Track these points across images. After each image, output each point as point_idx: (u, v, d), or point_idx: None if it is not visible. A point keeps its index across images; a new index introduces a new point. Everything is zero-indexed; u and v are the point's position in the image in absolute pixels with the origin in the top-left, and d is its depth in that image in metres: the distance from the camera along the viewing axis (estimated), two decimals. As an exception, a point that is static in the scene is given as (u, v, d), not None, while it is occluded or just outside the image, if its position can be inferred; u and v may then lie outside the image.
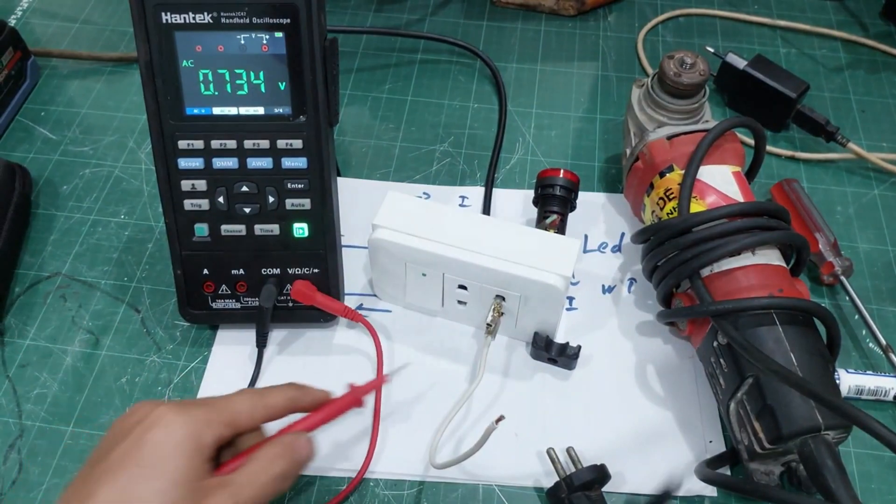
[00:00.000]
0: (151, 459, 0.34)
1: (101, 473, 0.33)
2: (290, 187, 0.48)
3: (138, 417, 0.35)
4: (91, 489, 0.33)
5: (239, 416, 0.37)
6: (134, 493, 0.33)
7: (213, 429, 0.36)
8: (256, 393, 0.39)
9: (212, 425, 0.36)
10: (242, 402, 0.38)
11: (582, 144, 0.64)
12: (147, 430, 0.35)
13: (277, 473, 0.37)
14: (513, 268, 0.46)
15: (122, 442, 0.34)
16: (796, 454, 0.41)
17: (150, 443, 0.34)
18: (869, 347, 0.53)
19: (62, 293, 0.55)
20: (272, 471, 0.37)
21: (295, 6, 0.44)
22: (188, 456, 0.34)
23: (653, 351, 0.52)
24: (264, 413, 0.39)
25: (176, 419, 0.35)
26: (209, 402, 0.37)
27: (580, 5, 0.74)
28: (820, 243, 0.54)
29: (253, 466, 0.36)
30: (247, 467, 0.36)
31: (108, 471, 0.33)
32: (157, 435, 0.34)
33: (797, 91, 0.62)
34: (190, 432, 0.35)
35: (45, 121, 0.65)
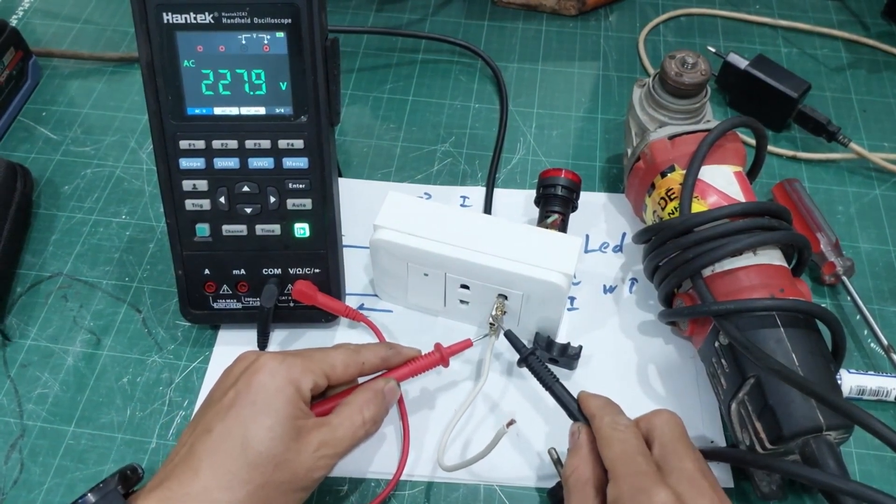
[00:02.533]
0: (259, 398, 0.38)
1: (217, 412, 0.38)
2: (291, 187, 0.48)
3: (245, 365, 0.40)
4: (209, 424, 0.38)
5: (334, 368, 0.42)
6: (247, 425, 0.37)
7: (311, 377, 0.40)
8: (352, 349, 0.43)
9: (309, 374, 0.40)
10: (338, 356, 0.42)
11: (583, 144, 0.64)
12: (253, 374, 0.39)
13: (368, 417, 0.41)
14: (515, 266, 0.46)
15: (232, 386, 0.39)
16: (798, 454, 0.41)
17: (257, 384, 0.39)
18: (870, 348, 0.53)
19: (63, 293, 0.55)
20: (364, 414, 0.41)
21: (296, 6, 0.44)
22: (289, 398, 0.39)
23: (654, 351, 0.52)
24: (357, 369, 0.43)
25: (278, 367, 0.39)
26: (308, 354, 0.42)
27: (581, 5, 0.74)
28: (821, 243, 0.54)
29: (347, 410, 0.41)
30: (341, 410, 0.41)
31: (222, 409, 0.38)
32: (263, 378, 0.39)
33: (798, 91, 0.62)
34: (291, 378, 0.39)
35: (46, 121, 0.65)
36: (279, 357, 0.40)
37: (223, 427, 0.38)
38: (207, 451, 0.37)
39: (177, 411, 0.49)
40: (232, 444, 0.37)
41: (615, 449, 0.39)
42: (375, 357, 0.44)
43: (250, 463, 0.37)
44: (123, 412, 0.49)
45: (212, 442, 0.37)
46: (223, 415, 0.38)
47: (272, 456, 0.37)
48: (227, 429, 0.37)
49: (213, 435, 0.37)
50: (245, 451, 0.37)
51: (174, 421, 0.49)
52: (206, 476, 0.36)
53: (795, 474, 0.39)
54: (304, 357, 0.41)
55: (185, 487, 0.36)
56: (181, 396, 0.50)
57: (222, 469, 0.36)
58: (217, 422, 0.38)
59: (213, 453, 0.37)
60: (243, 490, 0.36)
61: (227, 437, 0.37)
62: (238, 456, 0.37)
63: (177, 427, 0.49)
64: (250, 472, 0.37)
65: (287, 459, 0.38)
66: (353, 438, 0.40)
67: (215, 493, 0.36)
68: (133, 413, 0.49)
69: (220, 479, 0.36)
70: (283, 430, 0.38)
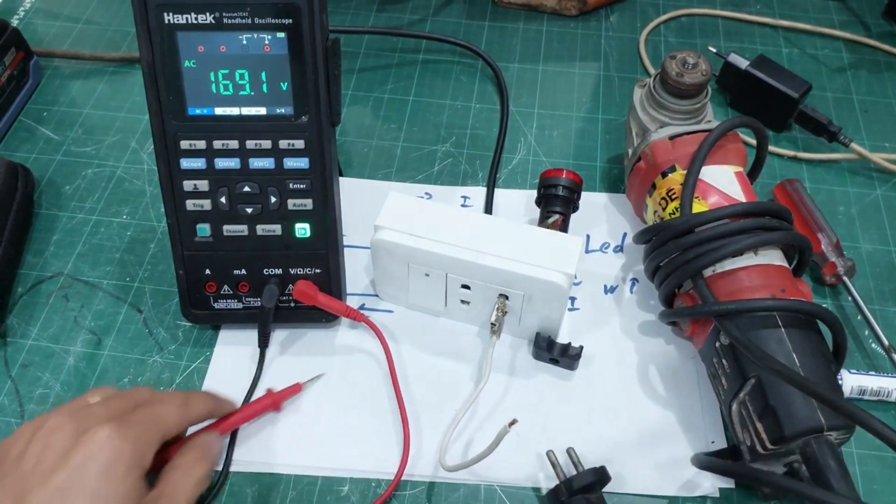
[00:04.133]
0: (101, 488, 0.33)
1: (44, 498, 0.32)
2: (292, 187, 0.48)
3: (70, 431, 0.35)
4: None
5: (169, 429, 0.39)
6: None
7: (151, 448, 0.37)
8: (181, 401, 0.41)
9: (149, 446, 0.37)
10: (171, 414, 0.40)
11: (584, 144, 0.64)
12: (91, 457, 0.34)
13: (199, 476, 0.39)
14: (516, 266, 0.46)
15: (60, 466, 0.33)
16: (799, 455, 0.41)
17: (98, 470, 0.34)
18: (871, 348, 0.53)
19: (64, 293, 0.55)
20: (194, 475, 0.39)
21: (297, 6, 0.44)
22: (135, 479, 0.35)
23: (655, 351, 0.52)
24: (188, 421, 0.42)
25: (122, 445, 0.35)
26: (142, 417, 0.38)
27: (582, 5, 0.74)
28: (822, 243, 0.54)
29: (177, 475, 0.39)
30: (171, 476, 0.38)
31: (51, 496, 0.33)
32: (103, 461, 0.34)
33: (799, 91, 0.62)
34: (136, 455, 0.36)
35: (47, 121, 0.65)
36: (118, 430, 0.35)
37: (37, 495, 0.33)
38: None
39: (178, 411, 0.49)
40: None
41: None
42: (204, 409, 0.42)
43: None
44: (124, 412, 0.49)
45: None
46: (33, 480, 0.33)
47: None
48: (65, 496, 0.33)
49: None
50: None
51: (175, 421, 0.49)
52: None
53: (783, 487, 0.39)
54: (140, 423, 0.37)
55: None
56: (182, 396, 0.50)
57: None
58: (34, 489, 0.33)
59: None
60: None
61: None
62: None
63: (178, 427, 0.49)
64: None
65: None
66: (190, 501, 0.38)
67: None
68: (134, 413, 0.49)
69: None
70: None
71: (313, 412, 0.49)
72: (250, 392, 0.49)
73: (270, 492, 0.46)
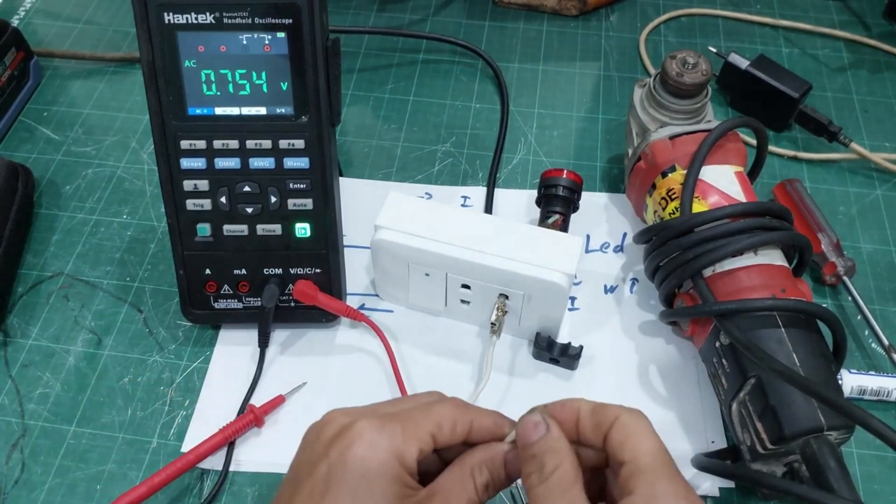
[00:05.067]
0: (358, 481, 0.32)
1: (308, 496, 0.32)
2: (292, 187, 0.48)
3: (335, 430, 0.34)
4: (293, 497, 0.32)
5: (441, 429, 0.34)
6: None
7: (415, 444, 0.33)
8: (461, 405, 0.36)
9: (413, 441, 0.33)
10: (445, 411, 0.35)
11: (584, 144, 0.64)
12: (348, 446, 0.32)
13: (481, 484, 0.34)
14: (516, 266, 0.46)
15: (323, 459, 0.33)
16: (799, 455, 0.41)
17: (354, 461, 0.32)
18: (871, 348, 0.53)
19: (65, 293, 0.55)
20: (476, 479, 0.34)
21: (297, 6, 0.44)
22: (394, 476, 0.32)
23: (655, 351, 0.52)
24: (466, 428, 0.35)
25: (378, 437, 0.33)
26: (409, 415, 0.34)
27: (582, 5, 0.74)
28: (822, 243, 0.54)
29: (456, 472, 0.34)
30: (450, 473, 0.34)
31: (314, 494, 0.32)
32: (361, 453, 0.32)
33: (799, 91, 0.62)
34: (394, 449, 0.33)
35: (47, 121, 0.65)
36: (377, 423, 0.33)
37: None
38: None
39: (178, 411, 0.49)
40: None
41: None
42: (488, 419, 0.36)
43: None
44: (124, 412, 0.49)
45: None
46: (311, 488, 0.32)
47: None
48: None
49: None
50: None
51: (175, 421, 0.49)
52: None
53: (781, 489, 0.39)
54: (406, 419, 0.34)
55: None
56: (182, 396, 0.50)
57: None
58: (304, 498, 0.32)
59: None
60: None
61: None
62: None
63: (177, 427, 0.49)
64: None
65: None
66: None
67: None
68: (134, 413, 0.49)
69: None
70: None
71: (314, 411, 0.49)
72: (250, 392, 0.49)
73: (271, 492, 0.46)
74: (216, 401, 0.50)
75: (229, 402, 0.49)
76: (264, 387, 0.50)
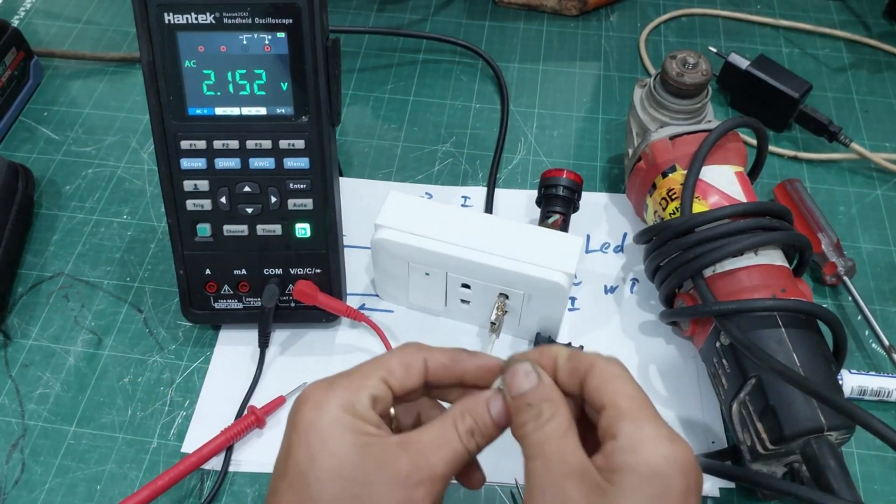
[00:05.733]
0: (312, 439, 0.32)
1: (277, 470, 0.33)
2: (292, 187, 0.48)
3: (296, 405, 0.34)
4: (274, 486, 0.33)
5: (393, 373, 0.34)
6: (308, 474, 0.31)
7: (365, 391, 0.33)
8: (415, 346, 0.36)
9: (362, 389, 0.33)
10: (394, 357, 0.35)
11: (584, 144, 0.64)
12: (297, 412, 0.33)
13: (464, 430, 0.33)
14: (516, 266, 0.46)
15: (285, 435, 0.34)
16: (799, 455, 0.41)
17: (305, 424, 0.32)
18: (872, 348, 0.53)
19: (65, 293, 0.55)
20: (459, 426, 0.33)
21: (297, 6, 0.44)
22: (347, 426, 0.32)
23: (655, 351, 0.52)
24: (420, 366, 0.35)
25: (323, 395, 0.33)
26: (358, 368, 0.34)
27: (582, 5, 0.74)
28: (823, 244, 0.54)
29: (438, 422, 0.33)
30: (432, 423, 0.34)
31: (279, 464, 0.33)
32: (309, 414, 0.33)
33: (800, 91, 0.62)
34: (342, 402, 0.32)
35: (47, 121, 0.65)
36: (324, 384, 0.33)
37: (286, 485, 0.32)
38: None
39: (178, 411, 0.49)
40: (297, 498, 0.31)
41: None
42: (443, 355, 0.35)
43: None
44: (124, 412, 0.49)
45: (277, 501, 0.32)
46: (282, 470, 0.33)
47: (351, 498, 0.31)
48: (290, 486, 0.32)
49: (280, 493, 0.32)
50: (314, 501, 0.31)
51: (175, 421, 0.49)
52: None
53: (781, 490, 0.39)
54: (353, 373, 0.34)
55: None
56: (182, 396, 0.50)
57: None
58: (279, 481, 0.33)
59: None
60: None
61: (292, 493, 0.32)
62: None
63: (178, 427, 0.49)
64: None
65: (371, 498, 0.31)
66: (448, 455, 0.32)
67: None
68: (134, 413, 0.49)
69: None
70: (354, 467, 0.31)
71: (313, 412, 0.49)
72: (250, 392, 0.49)
73: (271, 492, 0.46)
74: (216, 401, 0.50)
75: (229, 403, 0.49)
76: (264, 387, 0.50)
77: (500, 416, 0.34)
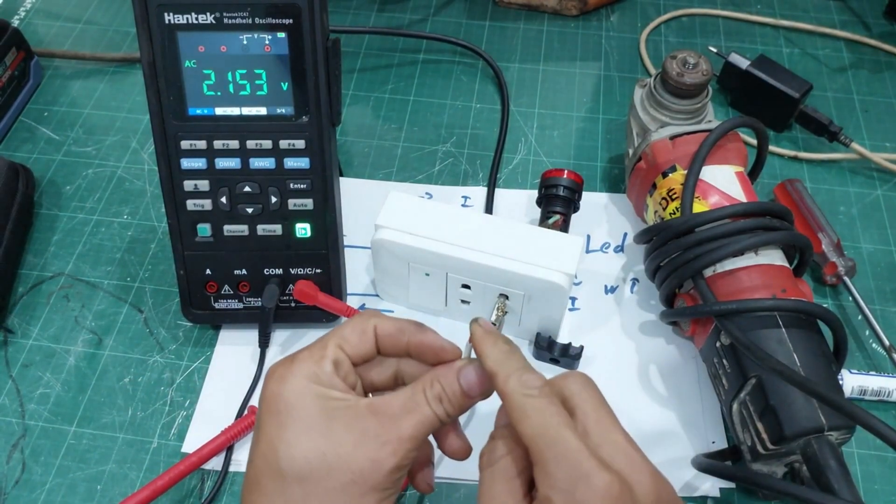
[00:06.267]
0: (280, 408, 0.34)
1: (251, 444, 0.35)
2: (292, 187, 0.48)
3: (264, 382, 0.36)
4: (250, 457, 0.35)
5: (346, 339, 0.36)
6: (277, 442, 0.33)
7: (325, 360, 0.35)
8: (367, 314, 0.38)
9: (321, 360, 0.35)
10: (346, 325, 0.37)
11: (584, 144, 0.64)
12: (265, 389, 0.35)
13: (432, 395, 0.35)
14: (516, 266, 0.46)
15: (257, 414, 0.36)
16: (799, 455, 0.41)
17: (271, 397, 0.34)
18: (872, 348, 0.53)
19: (65, 293, 0.55)
20: (427, 392, 0.35)
21: (297, 6, 0.44)
22: (313, 393, 0.34)
23: (655, 351, 0.52)
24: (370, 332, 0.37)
25: (285, 369, 0.35)
26: (316, 342, 0.37)
27: (583, 5, 0.74)
28: (823, 243, 0.54)
29: (408, 387, 0.35)
30: (403, 389, 0.35)
31: (253, 437, 0.35)
32: (274, 387, 0.34)
33: (800, 91, 0.62)
34: (303, 372, 0.35)
35: (48, 121, 0.65)
36: (286, 360, 0.36)
37: (258, 455, 0.34)
38: (250, 486, 0.34)
39: (178, 411, 0.49)
40: (270, 467, 0.33)
41: (533, 422, 0.32)
42: (391, 325, 0.37)
43: (298, 479, 0.32)
44: (125, 412, 0.49)
45: (253, 474, 0.34)
46: (254, 443, 0.34)
47: (320, 461, 0.32)
48: (262, 455, 0.34)
49: (254, 465, 0.34)
50: (287, 470, 0.33)
51: (175, 421, 0.49)
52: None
53: (780, 491, 0.39)
54: (311, 346, 0.36)
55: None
56: (182, 396, 0.50)
57: (271, 498, 0.33)
58: (253, 453, 0.34)
59: (255, 485, 0.33)
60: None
61: (264, 462, 0.33)
62: (281, 478, 0.33)
63: (178, 427, 0.49)
64: (302, 489, 0.32)
65: (341, 458, 0.33)
66: (415, 418, 0.34)
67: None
68: (134, 413, 0.49)
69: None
70: (321, 430, 0.33)
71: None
72: (250, 392, 0.49)
73: (271, 492, 0.46)
74: (217, 401, 0.50)
75: (230, 403, 0.49)
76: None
77: (471, 387, 0.36)
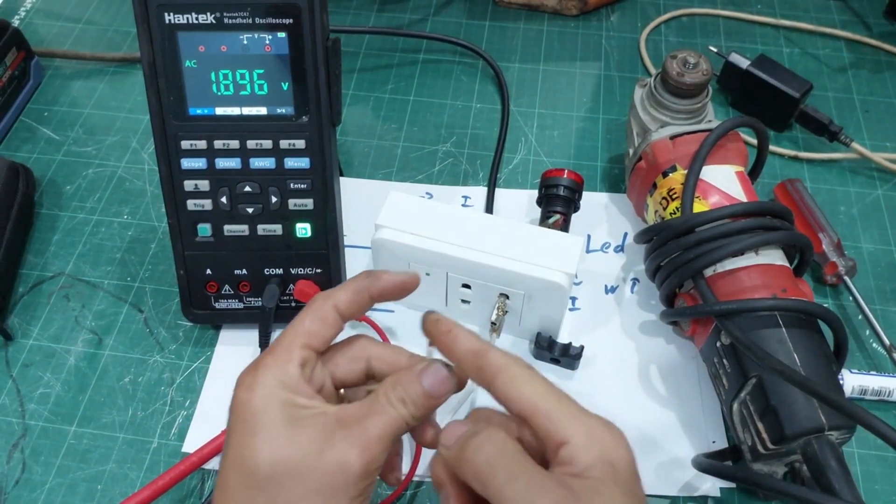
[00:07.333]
0: (247, 415, 0.33)
1: (222, 453, 0.35)
2: (292, 187, 0.48)
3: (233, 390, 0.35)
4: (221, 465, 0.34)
5: (310, 333, 0.36)
6: (244, 448, 0.33)
7: (293, 363, 0.35)
8: (320, 298, 0.37)
9: (287, 362, 0.35)
10: (305, 316, 0.36)
11: (585, 144, 0.64)
12: (233, 397, 0.35)
13: (395, 398, 0.34)
14: (517, 266, 0.46)
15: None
16: (800, 455, 0.41)
17: (239, 405, 0.34)
18: (873, 348, 0.53)
19: (65, 293, 0.55)
20: (390, 394, 0.34)
21: (297, 6, 0.44)
22: (281, 400, 0.33)
23: (656, 351, 0.52)
24: (334, 317, 0.36)
25: (252, 378, 0.34)
26: (276, 344, 0.36)
27: (583, 5, 0.74)
28: (823, 243, 0.54)
29: (373, 403, 0.34)
30: (370, 402, 0.34)
31: (224, 446, 0.35)
32: (242, 395, 0.34)
33: (800, 91, 0.62)
34: (276, 379, 0.34)
35: (48, 121, 0.65)
36: (251, 367, 0.35)
37: (226, 462, 0.34)
38: (220, 493, 0.34)
39: (178, 411, 0.49)
40: (239, 475, 0.33)
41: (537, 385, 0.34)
42: (346, 293, 0.36)
43: (266, 485, 0.32)
44: (125, 412, 0.49)
45: (222, 481, 0.34)
46: (224, 452, 0.34)
47: (287, 468, 0.32)
48: (231, 462, 0.33)
49: (223, 472, 0.34)
50: (252, 475, 0.32)
51: (176, 421, 0.49)
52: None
53: (780, 492, 0.39)
54: (276, 346, 0.36)
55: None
56: (183, 396, 0.50)
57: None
58: (224, 462, 0.34)
59: (225, 492, 0.33)
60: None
61: (233, 469, 0.33)
62: (250, 485, 0.32)
63: (178, 427, 0.49)
64: (270, 496, 0.32)
65: (308, 464, 0.32)
66: (381, 420, 0.34)
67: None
68: (135, 413, 0.49)
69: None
70: (288, 436, 0.33)
71: (314, 412, 0.49)
72: (251, 392, 0.49)
73: (271, 492, 0.46)
74: (217, 401, 0.50)
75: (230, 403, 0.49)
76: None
77: (433, 387, 0.35)
